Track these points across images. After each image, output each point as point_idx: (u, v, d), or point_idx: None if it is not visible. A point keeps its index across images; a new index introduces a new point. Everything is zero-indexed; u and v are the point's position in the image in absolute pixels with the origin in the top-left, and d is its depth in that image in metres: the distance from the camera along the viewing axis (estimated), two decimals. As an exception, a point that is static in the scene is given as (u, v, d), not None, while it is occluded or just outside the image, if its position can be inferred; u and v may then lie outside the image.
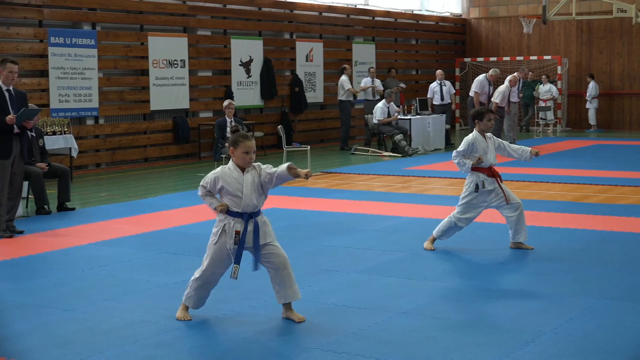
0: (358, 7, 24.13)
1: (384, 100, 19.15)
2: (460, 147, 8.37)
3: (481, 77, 19.14)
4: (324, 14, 22.55)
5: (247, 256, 6.10)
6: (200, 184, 6.09)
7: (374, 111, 19.13)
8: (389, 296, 6.79)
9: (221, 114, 15.19)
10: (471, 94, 19.30)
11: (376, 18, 24.58)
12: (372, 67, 21.82)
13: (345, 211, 11.09)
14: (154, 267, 8.02)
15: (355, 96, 20.87)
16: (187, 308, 6.23)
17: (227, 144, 6.14)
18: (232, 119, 14.24)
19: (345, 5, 23.60)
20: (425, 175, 14.78)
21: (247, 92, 19.96)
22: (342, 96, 20.58)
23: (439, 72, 21.33)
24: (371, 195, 12.61)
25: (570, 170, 14.86)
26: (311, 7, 22.20)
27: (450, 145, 20.37)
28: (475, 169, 8.36)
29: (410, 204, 11.66)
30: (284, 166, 5.91)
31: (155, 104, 17.81)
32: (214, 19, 19.38)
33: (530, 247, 8.47)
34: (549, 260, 8.00)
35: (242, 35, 20.05)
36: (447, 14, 28.19)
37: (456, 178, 14.37)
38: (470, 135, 8.40)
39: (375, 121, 19.00)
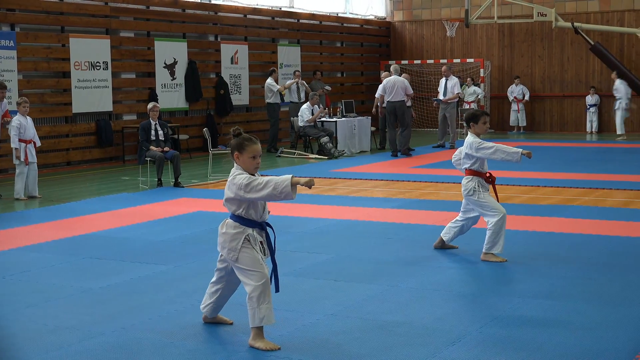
0: (283, 9, 24.12)
1: (308, 102, 19.18)
2: (488, 143, 8.09)
3: (405, 79, 19.26)
4: (248, 16, 22.49)
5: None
6: (245, 182, 5.44)
7: (299, 114, 19.15)
8: (316, 298, 6.79)
9: (145, 117, 15.02)
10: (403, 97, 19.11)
11: (301, 21, 24.61)
12: (298, 70, 21.83)
13: (271, 214, 11.04)
14: (77, 273, 7.88)
15: (282, 98, 20.80)
16: (262, 331, 5.56)
17: (229, 146, 5.62)
18: (157, 122, 14.08)
19: (270, 8, 23.57)
20: (352, 177, 14.84)
21: (171, 95, 19.78)
22: (269, 99, 20.49)
23: (385, 74, 21.30)
24: (297, 197, 12.48)
25: (493, 171, 15.05)
26: (236, 9, 22.11)
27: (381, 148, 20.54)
28: (474, 172, 8.21)
29: (336, 206, 11.69)
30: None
31: (78, 107, 17.52)
32: (137, 20, 19.15)
33: (455, 246, 8.58)
34: (473, 260, 8.10)
35: (166, 37, 19.86)
36: (372, 17, 28.38)
37: (383, 180, 14.47)
38: (471, 139, 8.10)
39: (301, 124, 19.01)
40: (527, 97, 25.55)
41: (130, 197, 12.80)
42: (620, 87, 23.07)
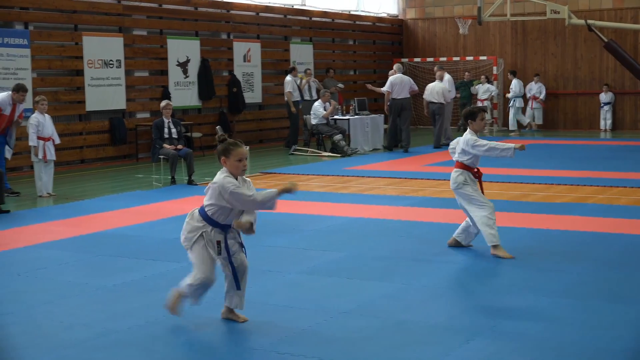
0: (295, 7, 24.13)
1: (319, 100, 19.16)
2: (482, 140, 8.16)
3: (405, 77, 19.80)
4: (261, 14, 22.50)
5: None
6: (234, 189, 5.63)
7: (312, 112, 19.14)
8: (329, 296, 6.79)
9: (158, 115, 15.05)
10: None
11: (313, 18, 24.61)
12: (309, 69, 21.81)
13: (284, 211, 11.06)
14: (92, 270, 7.91)
15: (302, 95, 20.65)
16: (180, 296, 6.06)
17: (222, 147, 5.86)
18: (170, 120, 14.11)
19: (282, 6, 23.58)
20: (365, 175, 14.82)
21: (184, 93, 19.82)
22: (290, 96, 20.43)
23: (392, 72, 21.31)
24: (311, 195, 12.61)
25: (508, 169, 15.03)
26: (248, 7, 22.13)
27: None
28: (464, 167, 8.30)
29: (349, 203, 11.68)
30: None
31: (91, 105, 17.58)
32: (150, 18, 19.20)
33: (471, 245, 8.56)
34: (487, 258, 8.08)
35: (179, 35, 19.90)
36: (384, 15, 28.35)
37: (396, 178, 14.45)
38: (468, 135, 8.22)
39: (314, 122, 19.00)
40: (542, 96, 25.43)
41: (143, 194, 12.83)
42: (515, 86, 24.92)
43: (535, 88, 25.48)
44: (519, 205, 11.21)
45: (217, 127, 15.62)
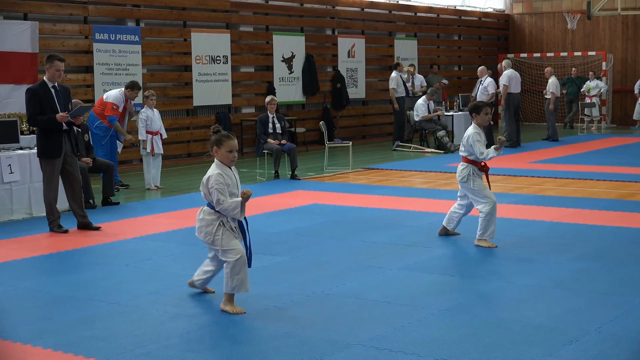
0: (400, 2, 24.06)
1: (424, 97, 19.07)
2: (482, 148, 8.34)
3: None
4: (365, 10, 22.52)
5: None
6: (216, 188, 6.14)
7: (414, 108, 19.06)
8: (430, 293, 6.77)
9: (263, 110, 15.25)
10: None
11: (418, 14, 24.50)
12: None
13: (386, 207, 11.07)
14: (197, 262, 8.02)
15: (408, 92, 20.45)
16: (233, 297, 6.28)
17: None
18: (274, 115, 14.28)
19: (387, 1, 23.54)
20: (468, 172, 14.66)
21: (289, 88, 20.00)
22: (396, 93, 20.33)
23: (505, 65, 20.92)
24: (413, 191, 12.57)
25: (615, 167, 14.68)
26: (353, 3, 22.19)
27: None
28: (470, 161, 8.50)
29: (453, 200, 11.56)
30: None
31: (198, 100, 17.92)
32: (256, 15, 19.45)
33: (458, 232, 8.96)
34: (592, 258, 7.92)
35: (284, 31, 20.09)
36: (490, 10, 28.01)
37: (499, 175, 14.26)
38: (472, 130, 8.43)
39: (416, 119, 18.93)
40: None
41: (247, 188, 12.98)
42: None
43: None
44: (626, 205, 10.92)
45: (321, 122, 15.72)
